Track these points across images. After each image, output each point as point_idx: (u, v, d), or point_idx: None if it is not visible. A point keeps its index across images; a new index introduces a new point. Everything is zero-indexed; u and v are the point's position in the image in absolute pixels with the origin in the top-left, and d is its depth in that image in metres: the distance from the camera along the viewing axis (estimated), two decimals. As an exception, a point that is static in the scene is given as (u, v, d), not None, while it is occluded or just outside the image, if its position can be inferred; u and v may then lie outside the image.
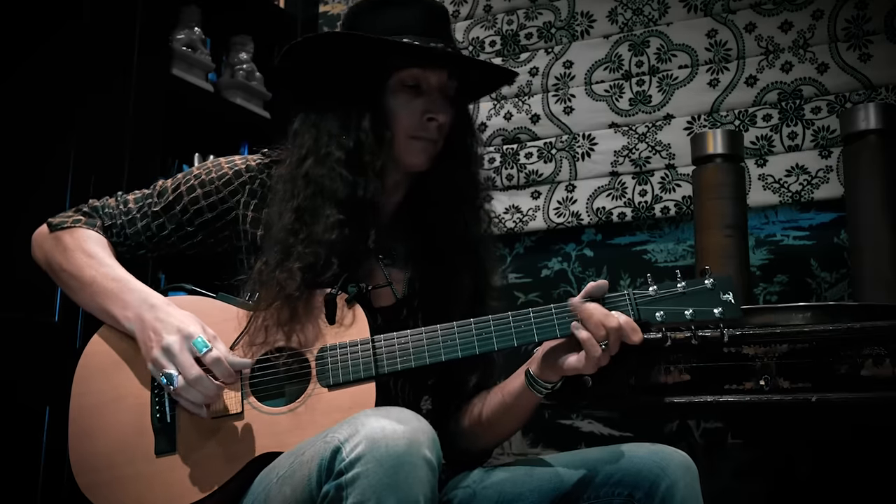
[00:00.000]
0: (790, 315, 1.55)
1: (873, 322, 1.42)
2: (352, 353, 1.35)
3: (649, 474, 1.29)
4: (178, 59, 2.40)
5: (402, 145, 1.46)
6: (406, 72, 1.45)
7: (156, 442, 1.36)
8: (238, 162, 1.52)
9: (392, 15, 1.46)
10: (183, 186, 1.50)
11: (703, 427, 2.26)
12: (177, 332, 1.33)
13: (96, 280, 1.43)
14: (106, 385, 1.42)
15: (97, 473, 1.38)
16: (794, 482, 1.75)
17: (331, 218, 1.39)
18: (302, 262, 1.37)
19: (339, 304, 1.38)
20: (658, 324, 1.30)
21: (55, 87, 2.04)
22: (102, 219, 1.52)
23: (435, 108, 1.46)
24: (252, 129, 2.63)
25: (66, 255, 1.47)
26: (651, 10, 2.45)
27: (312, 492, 1.15)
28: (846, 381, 1.41)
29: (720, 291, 1.29)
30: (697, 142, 1.97)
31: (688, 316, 1.29)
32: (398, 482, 1.09)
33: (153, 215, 1.51)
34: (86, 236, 1.49)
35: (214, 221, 1.50)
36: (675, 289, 1.31)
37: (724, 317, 1.29)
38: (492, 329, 1.33)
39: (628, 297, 1.31)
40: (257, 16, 2.77)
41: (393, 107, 1.45)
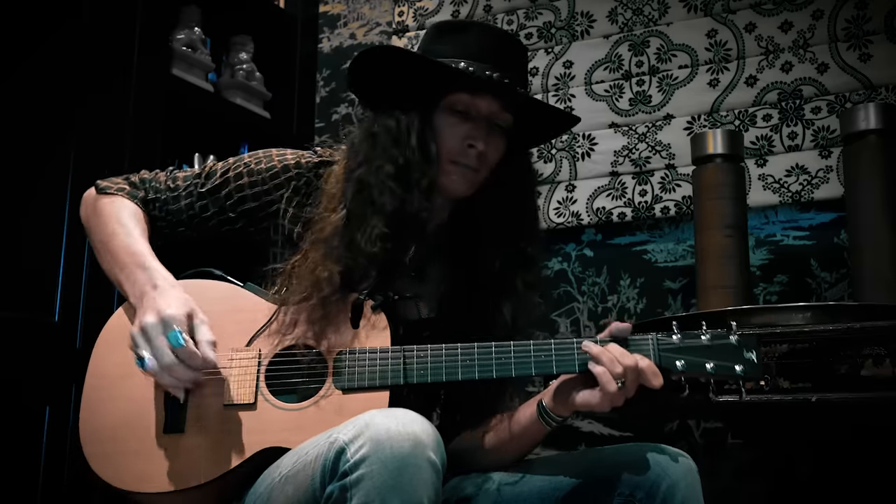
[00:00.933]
0: (790, 315, 1.55)
1: (873, 322, 1.42)
2: (370, 359, 1.35)
3: (650, 474, 1.29)
4: (178, 59, 2.40)
5: (442, 168, 1.45)
6: (456, 96, 1.45)
7: (165, 420, 1.36)
8: (289, 157, 1.52)
9: (461, 38, 1.46)
10: (231, 172, 1.51)
11: (703, 427, 2.26)
12: (156, 315, 1.32)
13: (118, 251, 1.44)
14: (123, 358, 1.41)
15: (103, 444, 1.38)
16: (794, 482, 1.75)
17: (375, 230, 1.39)
18: (342, 265, 1.38)
19: (365, 310, 1.38)
20: (678, 373, 1.29)
21: (55, 87, 2.04)
22: (147, 191, 1.53)
23: (477, 135, 1.44)
24: (252, 129, 2.63)
25: (101, 220, 1.49)
26: (651, 10, 2.45)
27: (316, 492, 1.15)
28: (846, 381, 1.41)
29: (744, 349, 1.28)
30: (697, 142, 1.98)
31: (709, 369, 1.28)
32: (402, 484, 1.09)
33: (198, 196, 1.51)
34: (123, 205, 1.50)
35: (257, 211, 1.50)
36: (700, 340, 1.29)
37: (745, 375, 1.27)
38: (511, 355, 1.33)
39: (651, 342, 1.30)
40: (257, 16, 2.77)
41: (439, 128, 1.45)
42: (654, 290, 2.36)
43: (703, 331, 1.30)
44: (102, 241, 1.47)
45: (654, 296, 2.36)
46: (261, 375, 1.37)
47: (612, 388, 1.26)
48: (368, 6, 2.89)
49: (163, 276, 1.40)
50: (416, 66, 1.46)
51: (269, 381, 1.37)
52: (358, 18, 2.91)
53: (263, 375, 1.37)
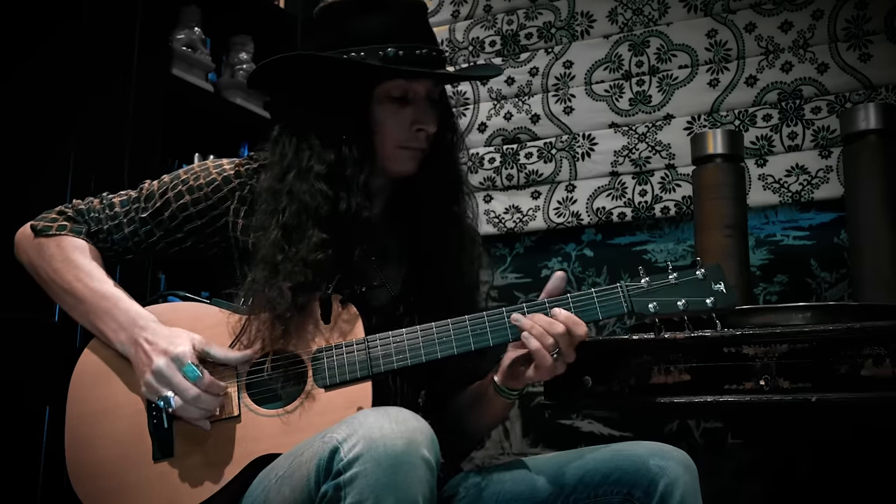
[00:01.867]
0: (790, 315, 1.55)
1: (873, 322, 1.42)
2: (347, 353, 1.35)
3: (648, 473, 1.29)
4: (178, 59, 2.40)
5: (390, 155, 1.45)
6: (392, 83, 1.43)
7: (153, 448, 1.36)
8: (227, 167, 1.49)
9: (375, 19, 1.42)
10: (171, 192, 1.48)
11: (703, 427, 2.26)
12: (164, 355, 1.33)
13: (86, 298, 1.42)
14: (102, 393, 1.42)
15: (96, 482, 1.38)
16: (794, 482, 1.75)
17: (314, 238, 1.38)
18: (291, 281, 1.36)
19: (333, 305, 1.38)
20: (651, 315, 1.32)
21: (55, 88, 2.04)
22: (88, 224, 1.49)
23: (424, 119, 1.44)
24: (252, 129, 2.62)
25: (54, 265, 1.45)
26: (651, 10, 2.45)
27: (311, 492, 1.16)
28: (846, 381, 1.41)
29: (711, 281, 1.32)
30: (697, 142, 1.97)
31: (680, 306, 1.31)
32: (396, 482, 1.09)
33: (141, 221, 1.48)
34: (73, 245, 1.46)
35: (204, 228, 1.48)
36: (667, 280, 1.33)
37: (717, 305, 1.31)
38: (486, 324, 1.34)
39: (621, 289, 1.33)
40: (257, 16, 2.77)
41: (379, 118, 1.43)
42: (654, 290, 2.36)
43: (669, 271, 1.33)
44: (65, 288, 1.44)
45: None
46: (242, 386, 1.37)
47: (548, 362, 1.29)
48: (368, 6, 2.89)
49: (143, 314, 1.40)
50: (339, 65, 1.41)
51: (250, 391, 1.37)
52: (358, 18, 2.91)
53: (244, 385, 1.37)
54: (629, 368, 1.54)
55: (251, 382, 1.38)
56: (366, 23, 1.42)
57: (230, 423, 1.35)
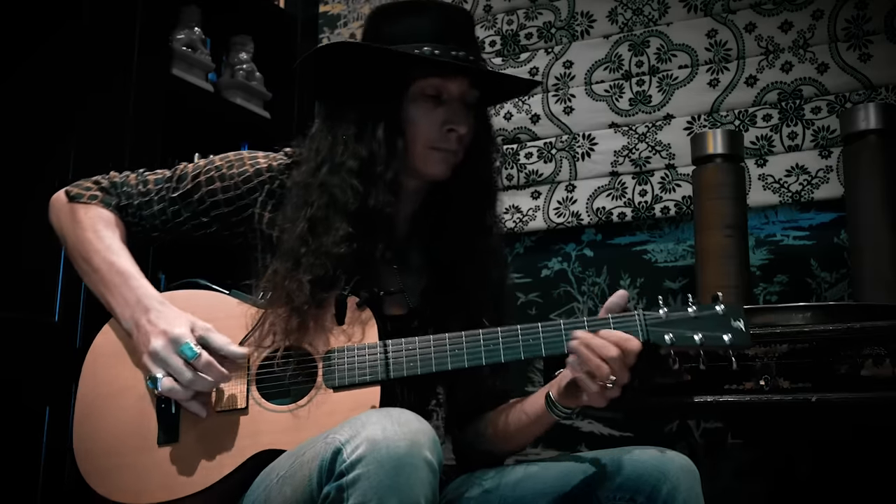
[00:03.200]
0: (790, 315, 1.55)
1: (873, 322, 1.42)
2: (359, 356, 1.35)
3: (650, 478, 1.28)
4: (178, 59, 2.40)
5: (420, 155, 1.44)
6: (426, 81, 1.43)
7: (158, 432, 1.37)
8: (261, 160, 1.51)
9: (413, 21, 1.44)
10: (203, 176, 1.50)
11: (703, 427, 2.26)
12: (162, 336, 1.33)
13: (101, 269, 1.43)
14: (114, 373, 1.42)
15: (99, 460, 1.38)
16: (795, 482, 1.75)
17: (340, 231, 1.39)
18: (311, 273, 1.37)
19: (349, 307, 1.38)
20: (666, 346, 1.28)
21: (55, 87, 2.04)
22: (120, 196, 1.51)
23: (456, 120, 1.44)
24: (252, 129, 2.63)
25: (78, 232, 1.47)
26: (651, 10, 2.45)
27: (313, 493, 1.15)
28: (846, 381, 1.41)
29: (731, 318, 1.28)
30: (697, 142, 1.97)
31: (697, 340, 1.27)
32: (399, 484, 1.09)
33: (170, 201, 1.50)
34: (99, 216, 1.48)
35: (230, 216, 1.49)
36: (686, 313, 1.29)
37: (734, 344, 1.27)
38: (500, 340, 1.33)
39: (638, 318, 1.29)
40: (257, 16, 2.77)
41: (412, 116, 1.44)
42: (654, 290, 2.36)
43: (689, 304, 1.30)
44: (83, 256, 1.46)
45: (654, 296, 2.35)
46: (251, 380, 1.37)
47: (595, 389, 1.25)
48: (368, 6, 2.89)
49: (152, 295, 1.40)
50: (377, 58, 1.43)
51: (259, 385, 1.37)
52: (358, 18, 2.91)
53: (254, 380, 1.38)
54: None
55: (261, 377, 1.38)
56: (405, 24, 1.44)
57: (237, 415, 1.36)
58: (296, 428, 1.32)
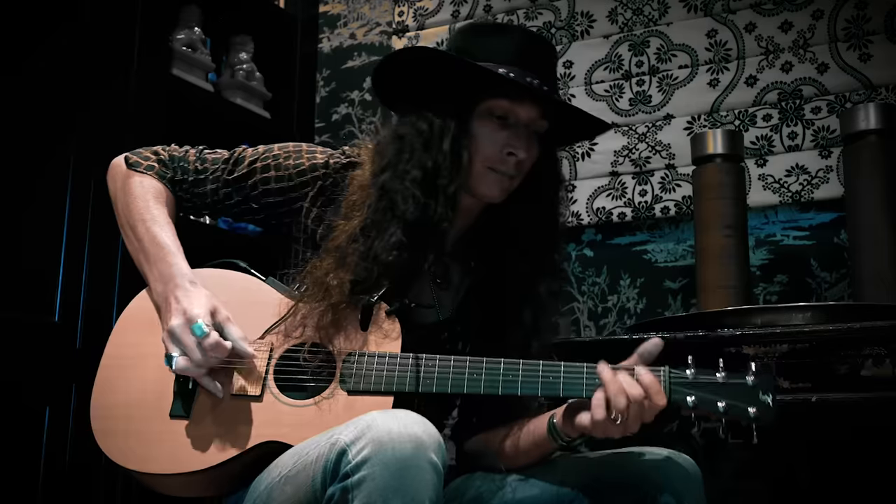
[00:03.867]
0: (790, 315, 1.55)
1: (873, 322, 1.42)
2: (378, 364, 1.34)
3: (653, 479, 1.28)
4: (178, 59, 2.40)
5: (477, 174, 1.43)
6: (495, 101, 1.42)
7: (172, 404, 1.37)
8: (319, 156, 1.50)
9: (497, 42, 1.43)
10: (259, 163, 1.50)
11: (703, 427, 2.25)
12: (182, 315, 1.34)
13: (144, 239, 1.44)
14: (141, 339, 1.43)
15: (112, 422, 1.39)
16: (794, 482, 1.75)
17: (393, 238, 1.38)
18: (354, 275, 1.37)
19: (379, 314, 1.37)
20: (688, 408, 1.24)
21: (55, 87, 2.04)
22: (176, 171, 1.52)
23: (517, 144, 1.42)
24: (252, 129, 2.62)
25: (129, 200, 1.48)
26: (651, 10, 2.45)
27: (317, 493, 1.15)
28: (846, 381, 1.41)
29: (760, 391, 1.22)
30: (697, 142, 1.98)
31: (721, 408, 1.22)
32: (404, 486, 1.09)
33: (224, 182, 1.51)
34: (153, 187, 1.50)
35: (279, 206, 1.50)
36: (714, 378, 1.24)
37: (759, 419, 1.22)
38: (519, 373, 1.31)
39: (663, 375, 1.26)
40: (257, 16, 2.77)
41: (476, 134, 1.42)
42: (654, 290, 2.36)
43: (718, 368, 1.25)
44: (130, 223, 1.47)
45: (654, 296, 2.36)
46: (270, 369, 1.38)
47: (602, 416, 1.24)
48: (368, 6, 2.89)
49: (184, 274, 1.40)
50: (454, 69, 1.42)
51: (276, 376, 1.38)
52: (358, 18, 2.91)
53: (272, 370, 1.38)
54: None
55: (280, 368, 1.38)
56: (488, 42, 1.44)
57: (250, 402, 1.36)
58: (304, 424, 1.32)
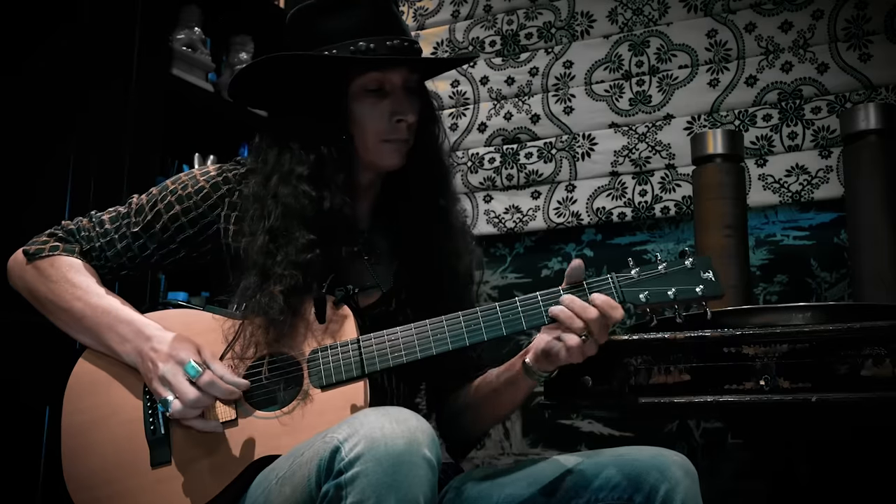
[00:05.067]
0: (790, 315, 1.55)
1: (873, 322, 1.42)
2: (343, 352, 1.35)
3: (649, 478, 1.28)
4: (178, 59, 2.40)
5: (373, 150, 1.45)
6: (366, 76, 1.42)
7: (151, 454, 1.36)
8: (213, 173, 1.49)
9: (343, 16, 1.42)
10: (160, 204, 1.48)
11: (703, 427, 2.26)
12: (169, 360, 1.33)
13: (86, 314, 1.42)
14: (98, 401, 1.41)
15: (95, 490, 1.38)
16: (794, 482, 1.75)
17: (301, 239, 1.38)
18: (282, 284, 1.36)
19: (327, 306, 1.37)
20: (642, 304, 1.32)
21: (55, 87, 2.04)
22: (80, 242, 1.49)
23: (403, 109, 1.44)
24: (252, 129, 2.59)
25: (51, 286, 1.44)
26: (651, 10, 2.45)
27: (312, 492, 1.15)
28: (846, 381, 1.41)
29: (700, 270, 1.33)
30: (697, 142, 1.97)
31: (670, 295, 1.31)
32: (398, 481, 1.09)
33: (133, 236, 1.48)
34: (68, 264, 1.46)
35: (197, 236, 1.48)
36: (657, 270, 1.33)
37: (706, 294, 1.31)
38: (480, 320, 1.34)
39: (611, 281, 1.33)
40: (257, 16, 2.77)
41: (358, 113, 1.43)
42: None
43: (658, 261, 1.34)
44: (63, 307, 1.43)
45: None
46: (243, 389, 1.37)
47: (574, 342, 1.27)
48: (368, 6, 2.89)
49: (147, 323, 1.39)
50: (312, 64, 1.42)
51: (247, 395, 1.37)
52: (358, 18, 2.91)
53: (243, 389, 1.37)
54: (629, 368, 1.54)
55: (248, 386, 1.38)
56: (334, 21, 1.43)
57: (227, 428, 1.35)
58: (288, 431, 1.32)
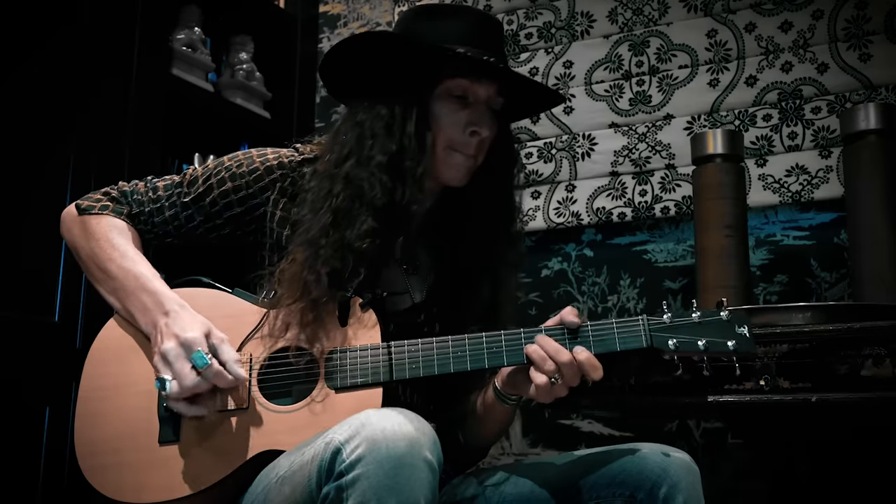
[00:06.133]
0: (790, 315, 1.55)
1: (873, 322, 1.42)
2: (361, 357, 1.34)
3: (651, 475, 1.28)
4: (178, 59, 2.40)
5: (440, 156, 1.44)
6: (455, 81, 1.43)
7: (160, 431, 1.36)
8: (270, 157, 1.50)
9: (449, 23, 1.44)
10: (213, 178, 1.49)
11: (703, 427, 2.26)
12: (174, 338, 1.32)
13: (118, 276, 1.43)
14: (117, 370, 1.42)
15: (100, 457, 1.38)
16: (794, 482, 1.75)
17: (364, 225, 1.38)
18: (329, 266, 1.36)
19: (353, 308, 1.37)
20: (670, 352, 1.28)
21: (55, 87, 2.04)
22: (131, 205, 1.51)
23: (479, 122, 1.43)
24: (252, 129, 2.63)
25: (91, 242, 1.47)
26: (651, 10, 2.45)
27: (312, 493, 1.15)
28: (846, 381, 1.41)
29: (735, 325, 1.28)
30: (697, 142, 1.97)
31: (701, 346, 1.27)
32: (399, 484, 1.09)
33: (182, 206, 1.50)
34: (112, 225, 1.48)
35: (243, 215, 1.49)
36: (690, 318, 1.29)
37: (738, 350, 1.27)
38: (503, 343, 1.33)
39: (642, 323, 1.29)
40: (257, 16, 2.77)
41: (437, 115, 1.43)
42: (654, 290, 2.36)
43: (693, 309, 1.30)
44: (99, 265, 1.45)
45: (654, 296, 2.36)
46: (253, 380, 1.37)
47: (541, 381, 1.27)
48: (368, 6, 2.89)
49: (170, 297, 1.39)
50: (409, 52, 1.43)
51: (261, 385, 1.37)
52: (358, 18, 2.91)
53: (256, 379, 1.37)
54: (629, 368, 1.54)
55: (263, 376, 1.38)
56: (439, 25, 1.44)
57: (238, 415, 1.35)
58: (297, 428, 1.32)
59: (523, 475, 1.40)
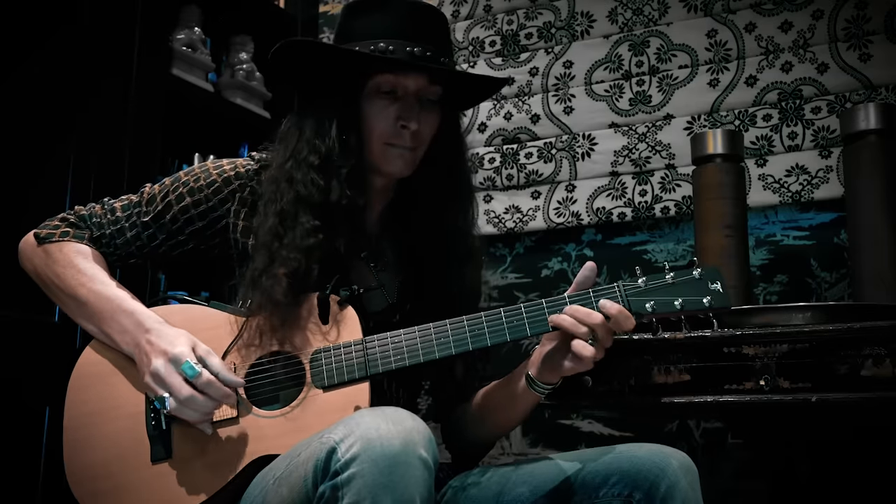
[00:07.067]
0: (790, 315, 1.55)
1: (873, 322, 1.42)
2: (346, 353, 1.35)
3: (649, 475, 1.28)
4: (178, 59, 2.40)
5: (377, 152, 1.45)
6: (382, 77, 1.43)
7: (151, 449, 1.36)
8: (227, 168, 1.50)
9: (376, 17, 1.44)
10: (172, 195, 1.49)
11: (703, 427, 2.26)
12: (162, 356, 1.33)
13: (90, 301, 1.42)
14: (101, 394, 1.42)
15: (95, 483, 1.38)
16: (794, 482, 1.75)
17: (306, 224, 1.40)
18: (286, 267, 1.37)
19: (331, 306, 1.38)
20: (648, 314, 1.31)
21: (55, 87, 2.04)
22: (91, 229, 1.50)
23: (408, 116, 1.43)
24: (252, 129, 2.63)
25: (57, 270, 1.46)
26: (651, 10, 2.45)
27: (308, 492, 1.16)
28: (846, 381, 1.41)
29: (708, 281, 1.32)
30: (697, 142, 1.97)
31: (677, 306, 1.31)
32: (394, 482, 1.09)
33: (143, 225, 1.49)
34: (76, 250, 1.47)
35: (205, 229, 1.49)
36: (664, 280, 1.33)
37: (713, 305, 1.31)
38: (484, 325, 1.34)
39: (618, 290, 1.33)
40: (257, 16, 2.77)
41: (369, 111, 1.44)
42: (654, 290, 2.36)
43: (666, 271, 1.33)
44: (68, 293, 1.44)
45: (654, 296, 2.36)
46: (239, 388, 1.37)
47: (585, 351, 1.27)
48: (368, 6, 2.89)
49: (148, 315, 1.39)
50: (333, 56, 1.44)
51: (249, 393, 1.37)
52: (358, 18, 2.91)
53: (243, 388, 1.37)
54: (629, 368, 1.54)
55: (250, 384, 1.38)
56: (365, 20, 1.45)
57: (228, 425, 1.35)
58: (289, 431, 1.32)
59: (522, 476, 1.40)
